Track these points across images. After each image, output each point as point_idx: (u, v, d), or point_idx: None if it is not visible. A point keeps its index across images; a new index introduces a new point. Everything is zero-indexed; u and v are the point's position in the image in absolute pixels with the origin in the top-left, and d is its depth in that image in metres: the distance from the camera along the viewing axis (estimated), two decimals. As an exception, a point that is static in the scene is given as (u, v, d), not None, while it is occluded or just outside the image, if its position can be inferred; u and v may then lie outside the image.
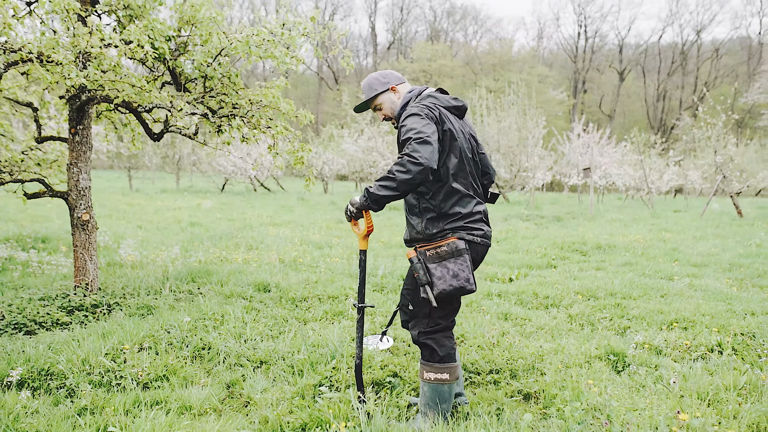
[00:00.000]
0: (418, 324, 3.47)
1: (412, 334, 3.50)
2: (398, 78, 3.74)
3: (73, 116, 5.89)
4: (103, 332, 4.62)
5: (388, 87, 3.68)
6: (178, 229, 12.98)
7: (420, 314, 3.46)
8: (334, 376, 3.94)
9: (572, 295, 6.95)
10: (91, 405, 3.57)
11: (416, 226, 3.43)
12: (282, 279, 7.06)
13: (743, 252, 10.67)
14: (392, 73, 3.75)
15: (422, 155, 3.07)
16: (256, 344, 4.78)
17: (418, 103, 3.45)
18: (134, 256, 8.09)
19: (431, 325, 3.44)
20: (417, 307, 3.47)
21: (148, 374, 4.05)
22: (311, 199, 25.34)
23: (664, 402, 3.76)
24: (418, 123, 3.23)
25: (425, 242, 3.39)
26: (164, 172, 43.18)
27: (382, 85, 3.68)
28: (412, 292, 3.50)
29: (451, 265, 3.27)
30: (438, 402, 3.42)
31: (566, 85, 76.84)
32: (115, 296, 5.92)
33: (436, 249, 3.31)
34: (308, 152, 6.75)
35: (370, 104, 3.78)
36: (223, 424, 3.43)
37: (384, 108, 3.71)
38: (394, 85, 3.69)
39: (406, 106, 3.60)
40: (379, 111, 3.75)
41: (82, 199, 5.92)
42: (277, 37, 5.81)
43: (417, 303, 3.47)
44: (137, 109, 6.15)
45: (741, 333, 5.25)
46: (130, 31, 5.13)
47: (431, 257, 3.31)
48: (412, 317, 3.51)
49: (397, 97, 3.69)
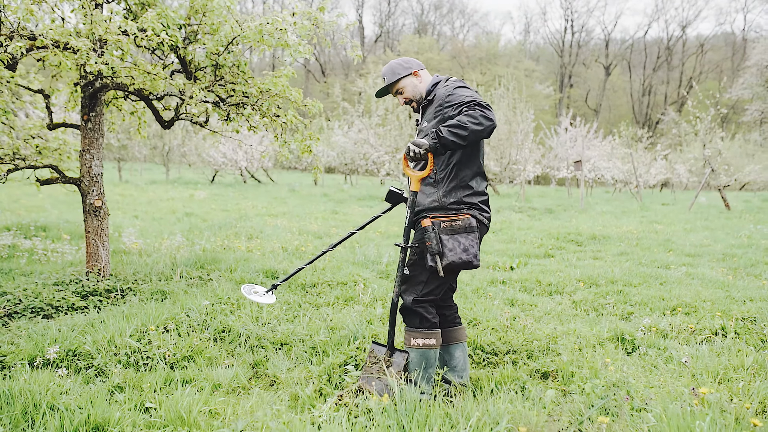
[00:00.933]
0: (411, 290, 3.64)
1: (404, 299, 3.64)
2: (419, 64, 3.89)
3: (86, 103, 5.93)
4: (125, 315, 4.68)
5: (411, 72, 3.83)
6: (175, 219, 13.02)
7: (416, 281, 3.63)
8: (359, 355, 4.04)
9: (574, 282, 7.09)
10: (124, 383, 3.65)
11: (431, 195, 3.62)
12: (288, 266, 7.15)
13: (735, 243, 10.88)
14: (413, 59, 3.90)
15: (492, 114, 3.33)
16: (275, 327, 4.88)
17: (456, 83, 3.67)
18: (138, 243, 8.14)
19: (425, 293, 3.62)
20: (415, 273, 3.64)
21: (175, 354, 4.14)
22: (303, 190, 25.39)
23: (677, 380, 3.90)
24: (474, 93, 3.50)
25: (441, 212, 3.58)
26: (153, 164, 42.99)
27: (405, 69, 3.82)
28: (416, 257, 3.64)
29: (463, 240, 3.48)
30: (425, 367, 3.60)
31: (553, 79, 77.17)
32: (127, 282, 5.98)
33: (451, 222, 3.50)
34: (317, 141, 6.83)
35: (391, 89, 3.91)
36: (256, 400, 3.53)
37: (406, 92, 3.85)
38: (416, 70, 3.83)
39: (437, 85, 3.79)
40: (400, 95, 3.89)
41: (94, 185, 5.97)
42: (290, 26, 5.88)
43: (417, 269, 3.63)
44: (149, 96, 6.20)
45: (742, 318, 5.41)
46: (147, 18, 5.18)
47: (445, 229, 3.49)
48: (404, 281, 3.66)
49: (419, 81, 3.84)
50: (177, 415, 3.16)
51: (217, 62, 6.02)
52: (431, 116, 3.67)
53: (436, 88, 3.78)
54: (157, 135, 31.66)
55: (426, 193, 3.65)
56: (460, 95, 3.51)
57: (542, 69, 76.75)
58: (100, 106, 6.02)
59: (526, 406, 3.27)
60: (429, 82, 3.85)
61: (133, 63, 5.36)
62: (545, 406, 3.36)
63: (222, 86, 6.25)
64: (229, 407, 3.38)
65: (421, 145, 3.35)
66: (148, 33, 5.20)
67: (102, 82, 5.79)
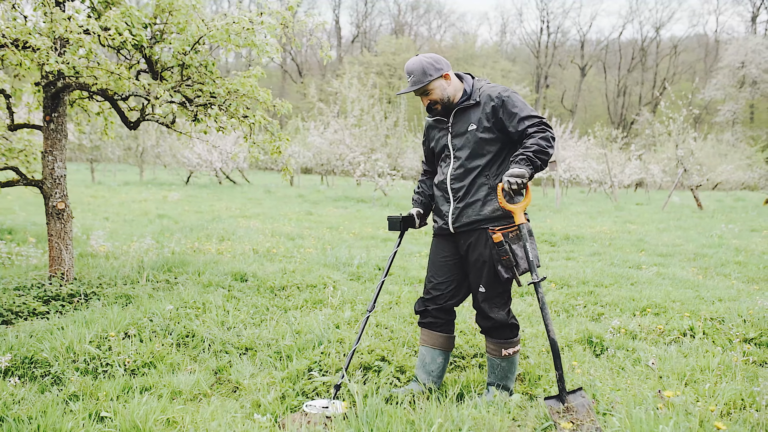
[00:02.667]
0: (499, 305, 3.63)
1: (497, 318, 3.61)
2: (448, 65, 3.76)
3: (48, 103, 5.80)
4: (85, 320, 4.58)
5: (442, 74, 3.68)
6: (147, 221, 12.84)
7: (495, 294, 3.61)
8: (323, 360, 3.98)
9: (546, 283, 7.08)
10: (80, 391, 3.55)
11: (491, 203, 3.58)
12: (258, 269, 7.06)
13: (706, 243, 10.96)
14: (443, 59, 3.76)
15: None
16: (240, 332, 4.80)
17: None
18: (106, 246, 8.00)
19: (509, 304, 3.67)
20: (491, 289, 3.60)
21: (135, 361, 4.04)
22: (278, 191, 25.24)
23: (644, 382, 3.89)
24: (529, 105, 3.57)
25: (505, 222, 3.57)
26: (127, 165, 42.53)
27: (437, 71, 3.67)
28: (489, 272, 3.59)
29: (527, 245, 3.46)
30: (514, 371, 3.69)
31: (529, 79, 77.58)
32: (91, 286, 5.86)
33: (515, 230, 3.50)
34: (286, 142, 6.75)
35: (420, 89, 3.74)
36: (215, 408, 3.45)
37: (434, 94, 3.70)
38: (447, 72, 3.71)
39: (474, 85, 3.75)
40: (425, 96, 3.74)
41: (57, 187, 5.84)
42: (257, 26, 5.79)
43: (492, 284, 3.59)
44: (113, 97, 6.08)
45: (711, 318, 5.42)
46: (108, 17, 5.07)
47: (513, 238, 3.49)
48: (486, 299, 3.62)
49: (448, 84, 3.70)
50: (132, 425, 3.07)
51: (183, 62, 5.92)
52: (479, 118, 3.60)
53: (479, 90, 3.69)
54: (131, 136, 31.31)
55: (482, 201, 3.59)
56: (520, 106, 3.52)
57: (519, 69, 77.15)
58: (63, 107, 5.89)
59: (490, 411, 3.23)
60: (461, 82, 3.75)
61: (96, 62, 5.24)
62: (510, 410, 3.32)
63: (189, 86, 6.15)
64: (187, 416, 3.29)
65: (522, 176, 3.30)
66: (110, 32, 5.09)
67: (64, 82, 5.66)
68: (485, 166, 3.59)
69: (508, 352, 3.62)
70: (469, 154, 3.61)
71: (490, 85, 3.68)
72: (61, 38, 5.21)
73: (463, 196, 3.63)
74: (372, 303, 3.76)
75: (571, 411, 3.25)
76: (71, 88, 5.76)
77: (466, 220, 3.62)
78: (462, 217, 3.62)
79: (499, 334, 3.64)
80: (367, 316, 3.77)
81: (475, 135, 3.57)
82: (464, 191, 3.63)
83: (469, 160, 3.62)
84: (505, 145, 3.62)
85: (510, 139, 3.60)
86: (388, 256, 8.48)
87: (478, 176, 3.60)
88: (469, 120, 3.63)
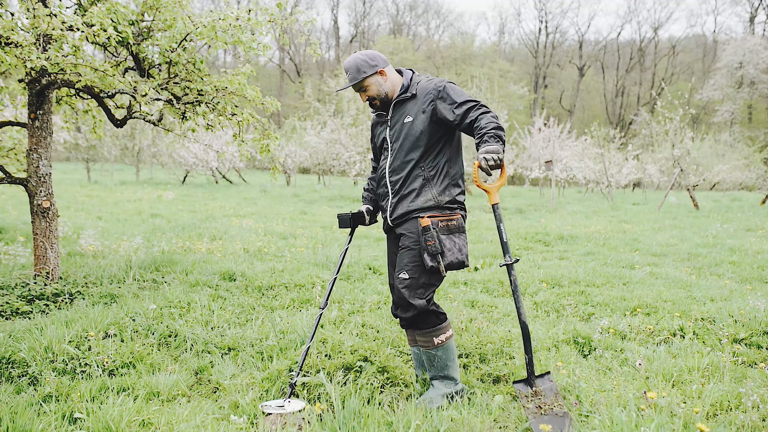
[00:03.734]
0: (420, 293, 3.53)
1: (417, 305, 3.49)
2: (384, 60, 3.77)
3: (33, 101, 5.74)
4: (66, 320, 4.52)
5: (377, 70, 3.69)
6: (140, 221, 12.79)
7: (417, 283, 3.52)
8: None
9: (537, 283, 7.03)
10: (56, 392, 3.49)
11: (425, 194, 3.54)
12: (247, 268, 7.00)
13: (700, 242, 10.91)
14: (379, 55, 3.76)
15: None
16: (224, 331, 4.74)
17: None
18: (95, 246, 7.94)
19: (431, 292, 3.57)
20: (415, 276, 3.52)
21: (114, 361, 3.98)
22: (274, 191, 25.17)
23: (630, 383, 3.83)
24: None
25: (437, 211, 3.52)
26: (123, 164, 42.44)
27: (371, 68, 3.68)
28: (413, 259, 3.53)
29: (457, 239, 3.49)
30: (453, 358, 3.61)
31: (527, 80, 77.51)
32: (77, 285, 5.80)
33: (447, 222, 3.48)
34: (275, 141, 6.70)
35: (355, 86, 3.79)
36: (192, 409, 3.39)
37: (370, 90, 3.72)
38: (382, 68, 3.71)
39: (412, 79, 3.75)
40: (363, 92, 3.76)
41: (42, 185, 5.78)
42: (244, 23, 5.74)
43: (416, 271, 3.52)
44: (99, 94, 6.02)
45: (702, 318, 5.37)
46: (93, 13, 5.01)
47: (442, 229, 3.46)
48: (408, 287, 3.52)
49: (384, 80, 3.71)
50: (105, 426, 3.01)
51: (171, 59, 5.86)
52: (416, 111, 3.59)
53: (416, 84, 3.70)
54: (128, 135, 31.24)
55: (416, 192, 3.57)
56: (456, 92, 3.51)
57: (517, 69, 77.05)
58: (48, 104, 5.83)
59: (471, 412, 3.17)
60: (400, 77, 3.78)
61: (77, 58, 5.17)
62: (491, 411, 3.26)
63: (177, 84, 6.09)
64: (163, 417, 3.23)
65: (497, 151, 3.25)
66: (95, 28, 5.04)
67: (49, 79, 5.61)
68: (420, 158, 3.59)
69: (440, 339, 3.56)
70: (404, 145, 3.62)
71: (429, 79, 3.69)
72: (44, 34, 5.15)
73: (399, 189, 3.63)
74: (324, 300, 3.76)
75: (539, 395, 3.26)
76: (56, 85, 5.70)
77: (401, 212, 3.63)
78: (397, 209, 3.63)
79: (425, 322, 3.56)
80: (320, 314, 3.76)
81: (411, 127, 3.57)
82: (400, 183, 3.63)
83: (404, 152, 3.61)
84: (441, 138, 3.61)
85: (448, 129, 3.61)
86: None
87: (413, 168, 3.59)
88: (405, 112, 3.64)
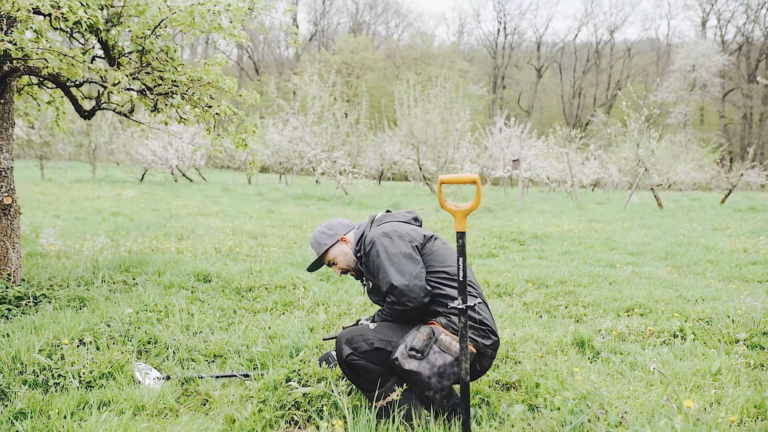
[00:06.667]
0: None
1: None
2: (346, 226, 3.52)
3: (-7, 89, 5.32)
4: (35, 326, 4.14)
5: (337, 239, 3.45)
6: (100, 219, 12.26)
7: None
8: (303, 369, 3.61)
9: (523, 283, 6.85)
10: (29, 408, 3.14)
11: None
12: (222, 268, 6.66)
13: (674, 241, 10.90)
14: (339, 222, 3.53)
15: (413, 295, 3.15)
16: (207, 337, 4.42)
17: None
18: (57, 245, 7.48)
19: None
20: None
21: (92, 372, 3.63)
22: (236, 189, 24.62)
23: (649, 389, 3.64)
24: (388, 254, 3.19)
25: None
26: (78, 162, 41.24)
27: (330, 238, 3.46)
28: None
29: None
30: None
31: (486, 80, 78.02)
32: (41, 287, 5.39)
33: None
34: (252, 134, 6.38)
35: (323, 261, 3.53)
36: (185, 425, 3.07)
37: (338, 261, 3.49)
38: (342, 236, 3.47)
39: (360, 239, 3.47)
40: (334, 266, 3.51)
41: (3, 180, 5.36)
42: (223, 9, 5.41)
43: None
44: (66, 83, 5.63)
45: (698, 318, 5.23)
46: (61, -6, 4.64)
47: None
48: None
49: (350, 248, 3.46)
50: (90, 448, 2.69)
51: (143, 47, 5.49)
52: (367, 273, 3.34)
53: (364, 240, 3.38)
54: (83, 132, 30.27)
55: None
56: (379, 267, 3.14)
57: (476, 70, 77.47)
58: (10, 93, 5.42)
59: (493, 425, 2.93)
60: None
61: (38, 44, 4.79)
62: (514, 424, 3.02)
63: (149, 74, 5.72)
64: (153, 435, 2.91)
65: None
66: (63, 10, 4.66)
67: (11, 66, 5.19)
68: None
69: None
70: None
71: (374, 229, 3.36)
72: (7, 16, 4.76)
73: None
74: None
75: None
76: (19, 73, 5.29)
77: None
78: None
79: None
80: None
81: (375, 287, 3.30)
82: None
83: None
84: None
85: None
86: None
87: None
88: (366, 273, 3.39)
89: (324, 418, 3.06)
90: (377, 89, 65.75)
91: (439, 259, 3.21)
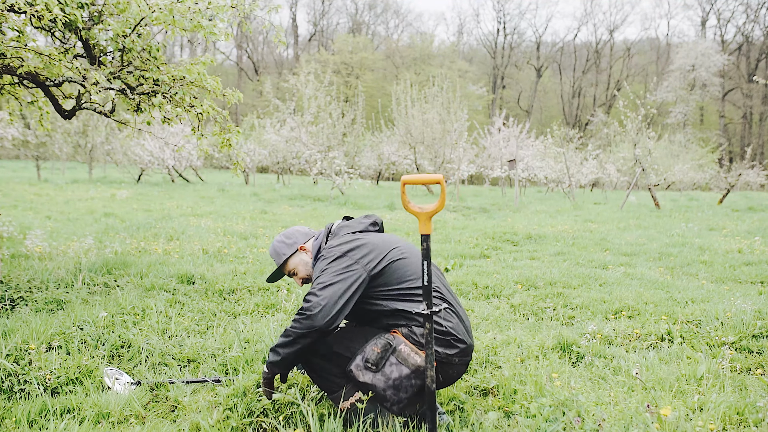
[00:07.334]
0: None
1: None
2: (306, 234, 3.37)
3: (-30, 89, 5.24)
4: (3, 330, 4.05)
5: (296, 248, 3.30)
6: (92, 220, 12.16)
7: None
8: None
9: (512, 284, 6.76)
10: (-10, 415, 3.05)
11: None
12: (207, 270, 6.57)
13: (669, 242, 10.81)
14: (297, 230, 3.38)
15: (312, 315, 2.93)
16: (182, 341, 4.33)
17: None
18: (42, 247, 7.40)
19: None
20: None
21: (58, 377, 3.54)
22: (232, 190, 24.53)
23: (629, 395, 3.55)
24: (330, 266, 3.01)
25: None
26: (76, 162, 41.15)
27: (288, 247, 3.31)
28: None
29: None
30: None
31: (485, 80, 77.96)
32: (19, 290, 5.31)
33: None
34: (237, 134, 6.29)
35: (283, 271, 3.40)
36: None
37: (298, 271, 3.34)
38: (302, 245, 3.31)
39: (319, 249, 3.30)
40: (295, 276, 3.37)
41: (-20, 181, 5.27)
42: (204, 6, 5.32)
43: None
44: (45, 82, 5.54)
45: (687, 321, 5.14)
46: (36, -9, 4.55)
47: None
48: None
49: (309, 257, 3.31)
50: (45, 457, 2.60)
51: (124, 46, 5.40)
52: None
53: (323, 249, 3.24)
54: (80, 132, 30.15)
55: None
56: (319, 275, 2.95)
57: (475, 70, 77.43)
58: (-13, 92, 5.34)
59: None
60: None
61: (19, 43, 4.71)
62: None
63: (130, 73, 5.63)
64: (113, 443, 2.83)
65: (263, 373, 2.99)
66: (38, 8, 4.57)
67: (-14, 64, 5.10)
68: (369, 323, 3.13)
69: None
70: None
71: (332, 241, 3.18)
72: (-19, 14, 4.67)
73: None
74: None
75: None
76: (-3, 72, 5.20)
77: None
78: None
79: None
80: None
81: None
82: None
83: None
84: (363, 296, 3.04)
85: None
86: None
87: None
88: None
89: (290, 426, 2.96)
90: (377, 89, 65.68)
91: (396, 275, 3.01)
